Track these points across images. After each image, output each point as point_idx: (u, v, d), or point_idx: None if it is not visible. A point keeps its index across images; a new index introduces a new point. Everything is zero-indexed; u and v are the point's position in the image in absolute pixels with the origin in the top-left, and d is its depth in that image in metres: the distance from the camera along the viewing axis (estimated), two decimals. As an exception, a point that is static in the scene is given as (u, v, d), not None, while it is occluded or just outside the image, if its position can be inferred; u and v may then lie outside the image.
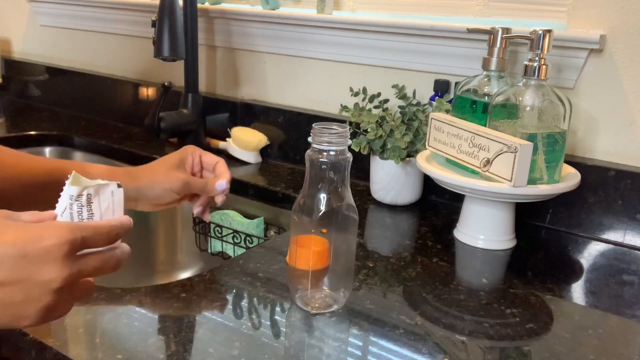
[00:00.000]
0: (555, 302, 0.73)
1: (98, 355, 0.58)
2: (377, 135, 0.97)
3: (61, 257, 0.43)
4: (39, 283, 0.43)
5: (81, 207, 0.46)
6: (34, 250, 0.42)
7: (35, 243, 0.42)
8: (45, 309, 0.44)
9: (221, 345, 0.60)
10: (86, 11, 1.60)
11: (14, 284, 0.42)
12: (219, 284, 0.74)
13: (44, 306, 0.44)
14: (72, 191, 0.45)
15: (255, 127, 1.28)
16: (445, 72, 1.06)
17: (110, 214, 0.47)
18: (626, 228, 0.91)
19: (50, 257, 0.43)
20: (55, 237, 0.43)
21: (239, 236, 1.04)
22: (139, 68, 1.54)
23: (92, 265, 0.45)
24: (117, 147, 1.33)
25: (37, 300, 0.43)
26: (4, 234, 0.43)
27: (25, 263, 0.42)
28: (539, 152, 0.81)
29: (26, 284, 0.43)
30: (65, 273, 0.43)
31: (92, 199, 0.46)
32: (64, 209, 0.46)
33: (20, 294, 0.43)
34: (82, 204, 0.46)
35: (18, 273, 0.42)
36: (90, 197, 0.46)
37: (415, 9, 1.13)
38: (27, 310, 0.44)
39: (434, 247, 0.86)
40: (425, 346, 0.62)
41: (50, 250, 0.43)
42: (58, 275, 0.43)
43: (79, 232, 0.44)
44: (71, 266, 0.43)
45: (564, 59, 0.94)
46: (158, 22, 1.10)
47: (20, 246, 0.42)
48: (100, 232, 0.45)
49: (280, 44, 1.26)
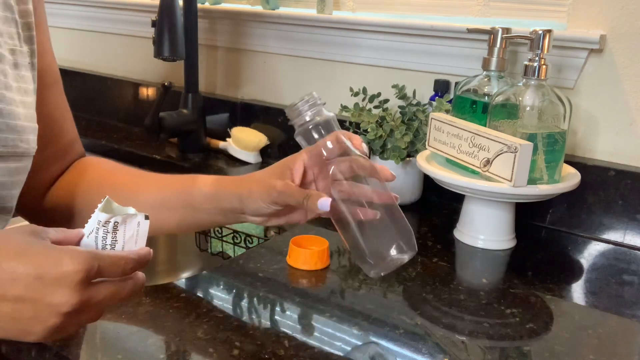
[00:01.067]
0: (555, 302, 0.73)
1: (98, 355, 0.58)
2: (377, 135, 0.97)
3: (75, 284, 0.44)
4: (50, 305, 0.44)
5: (106, 233, 0.48)
6: (50, 273, 0.44)
7: (53, 267, 0.44)
8: (51, 329, 0.45)
9: (221, 345, 0.60)
10: (86, 11, 1.60)
11: (26, 302, 0.44)
12: (219, 284, 0.74)
13: (50, 326, 0.45)
14: (100, 217, 0.47)
15: (255, 127, 1.28)
16: (445, 72, 1.06)
17: (132, 243, 0.49)
18: (626, 228, 0.91)
19: (65, 282, 0.44)
20: (73, 263, 0.44)
21: (239, 236, 1.04)
22: (139, 68, 1.54)
23: (103, 294, 0.46)
24: (117, 147, 1.33)
25: (45, 320, 0.45)
26: (26, 253, 0.44)
27: (40, 284, 0.44)
28: (539, 152, 0.81)
29: (37, 303, 0.44)
30: (76, 299, 0.44)
31: (119, 227, 0.48)
32: (90, 231, 0.47)
33: (30, 312, 0.44)
34: (108, 230, 0.47)
35: (32, 292, 0.44)
36: (117, 225, 0.48)
37: (415, 9, 1.13)
38: (34, 328, 0.45)
39: (434, 247, 0.86)
40: (425, 346, 0.62)
41: (66, 275, 0.44)
42: (69, 300, 0.44)
43: (97, 262, 0.45)
44: (82, 293, 0.45)
45: (564, 59, 0.94)
46: (158, 22, 1.10)
47: (39, 267, 0.44)
48: (117, 264, 0.46)
49: (280, 44, 1.26)
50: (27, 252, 0.45)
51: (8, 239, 0.46)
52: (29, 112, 0.63)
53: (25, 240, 0.46)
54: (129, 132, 1.46)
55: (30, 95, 0.64)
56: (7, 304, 0.44)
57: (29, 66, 0.65)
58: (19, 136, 0.60)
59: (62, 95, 0.75)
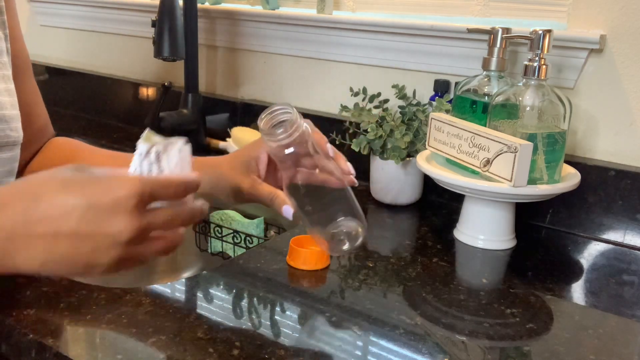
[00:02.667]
0: (555, 302, 0.73)
1: (98, 355, 0.58)
2: (377, 135, 0.97)
3: (130, 209, 0.43)
4: (108, 235, 0.42)
5: (151, 165, 0.47)
6: (103, 202, 0.42)
7: (105, 195, 0.42)
8: (115, 261, 0.44)
9: (221, 345, 0.60)
10: (86, 11, 1.60)
11: (82, 236, 0.42)
12: (219, 284, 0.74)
13: (113, 258, 0.43)
14: (142, 149, 0.47)
15: (255, 127, 1.28)
16: (445, 72, 1.06)
17: (178, 170, 0.48)
18: (626, 228, 0.91)
19: (120, 209, 0.42)
20: (125, 188, 0.43)
21: (239, 236, 1.04)
22: (139, 68, 1.54)
23: (161, 218, 0.45)
24: (117, 147, 1.33)
25: (106, 252, 0.43)
26: (73, 185, 0.43)
27: (94, 214, 0.42)
28: (539, 152, 0.81)
29: (94, 235, 0.42)
30: (134, 225, 0.43)
31: (161, 157, 0.47)
32: (135, 167, 0.47)
33: (88, 246, 0.43)
34: (151, 161, 0.47)
35: (86, 224, 0.42)
36: (160, 154, 0.47)
37: (415, 9, 1.13)
38: (97, 261, 0.43)
39: (434, 247, 0.86)
40: (425, 346, 0.62)
41: (119, 202, 0.42)
42: (127, 227, 0.43)
43: (148, 185, 0.44)
44: (140, 218, 0.43)
45: (564, 59, 0.94)
46: (158, 22, 1.10)
47: (89, 197, 0.42)
48: (168, 186, 0.45)
49: (280, 44, 1.26)
50: (74, 183, 0.43)
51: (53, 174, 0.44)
52: (13, 99, 0.62)
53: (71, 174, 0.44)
54: (129, 132, 1.46)
55: (11, 81, 0.64)
56: (64, 241, 0.42)
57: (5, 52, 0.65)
58: (8, 125, 0.60)
59: (32, 80, 0.75)
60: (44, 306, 0.65)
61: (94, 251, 0.43)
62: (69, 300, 0.66)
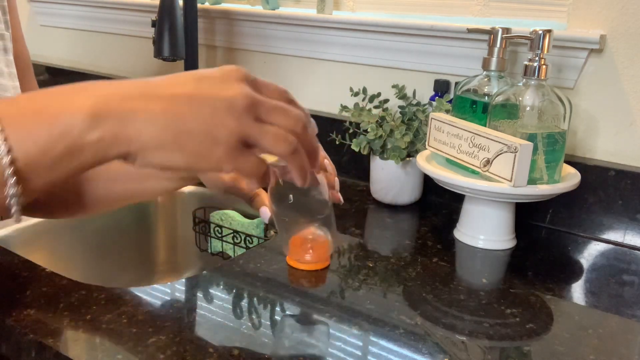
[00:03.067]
0: (555, 302, 0.73)
1: (98, 355, 0.58)
2: (377, 135, 0.97)
3: (241, 77, 0.44)
4: (225, 98, 0.43)
5: None
6: (213, 74, 0.44)
7: (212, 71, 0.44)
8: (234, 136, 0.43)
9: (221, 345, 0.60)
10: (86, 11, 1.60)
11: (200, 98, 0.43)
12: (219, 284, 0.74)
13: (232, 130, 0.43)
14: None
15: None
16: (445, 72, 1.06)
17: None
18: (626, 228, 0.91)
19: (231, 77, 0.44)
20: (229, 66, 0.45)
21: (239, 236, 1.04)
22: (139, 68, 1.54)
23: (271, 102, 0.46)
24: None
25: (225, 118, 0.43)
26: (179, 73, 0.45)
27: (207, 83, 0.44)
28: (539, 152, 0.81)
29: (212, 97, 0.43)
30: (247, 90, 0.44)
31: None
32: None
33: (208, 108, 0.43)
34: None
35: (202, 89, 0.43)
36: None
37: (415, 9, 1.13)
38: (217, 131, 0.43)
39: (434, 247, 0.86)
40: (425, 346, 0.62)
41: (229, 72, 0.44)
42: (242, 91, 0.43)
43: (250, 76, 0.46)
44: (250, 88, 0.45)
45: (564, 59, 0.94)
46: (158, 22, 1.10)
47: (199, 73, 0.45)
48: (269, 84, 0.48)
49: (280, 44, 1.26)
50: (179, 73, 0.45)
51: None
52: None
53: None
54: (129, 132, 1.46)
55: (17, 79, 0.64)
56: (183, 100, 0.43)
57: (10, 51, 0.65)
58: None
59: (34, 81, 0.77)
60: (44, 306, 0.65)
61: (212, 116, 0.42)
62: (69, 300, 0.66)
